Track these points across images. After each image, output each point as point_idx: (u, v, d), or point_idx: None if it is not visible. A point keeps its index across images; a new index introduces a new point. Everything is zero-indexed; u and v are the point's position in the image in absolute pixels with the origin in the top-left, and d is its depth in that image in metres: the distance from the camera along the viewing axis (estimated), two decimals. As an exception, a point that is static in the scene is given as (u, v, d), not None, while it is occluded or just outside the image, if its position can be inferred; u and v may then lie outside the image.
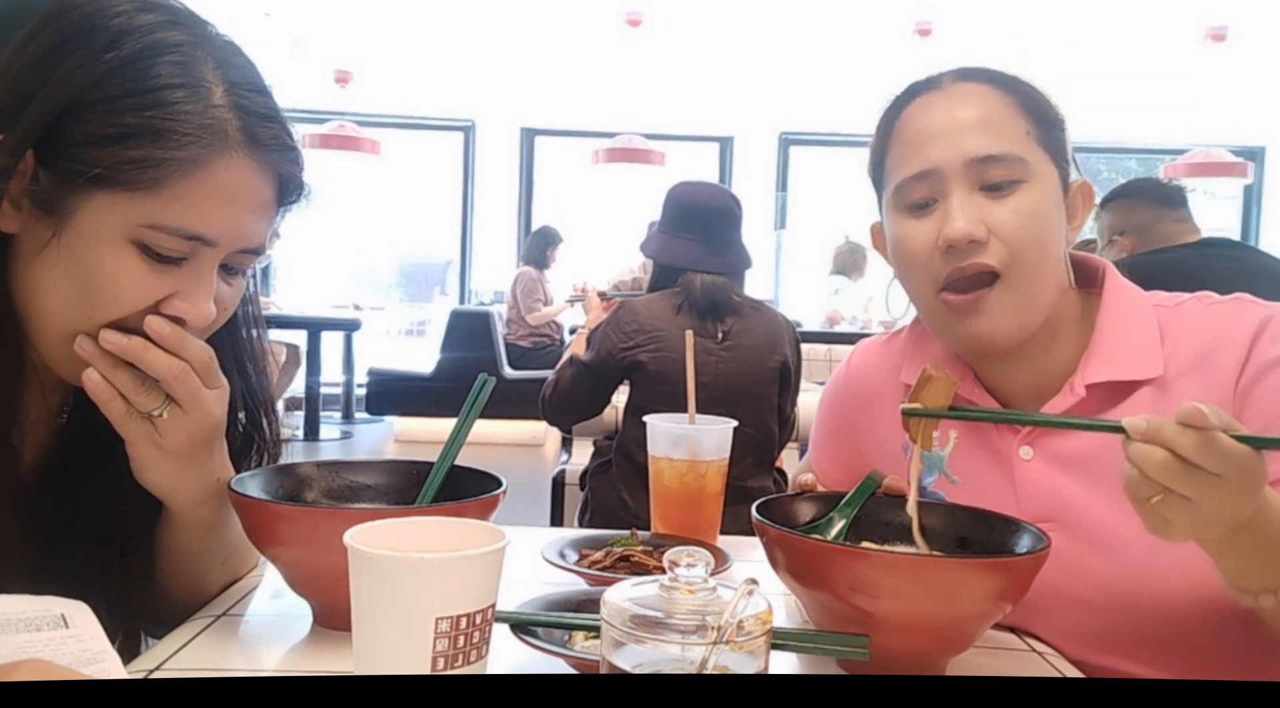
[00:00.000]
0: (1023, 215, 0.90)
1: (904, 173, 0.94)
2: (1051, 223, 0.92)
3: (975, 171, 0.90)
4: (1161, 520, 0.70)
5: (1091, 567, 0.90)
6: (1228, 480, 0.67)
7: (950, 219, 0.90)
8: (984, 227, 0.89)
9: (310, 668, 0.77)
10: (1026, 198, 0.90)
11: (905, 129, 0.95)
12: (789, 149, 8.18)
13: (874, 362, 1.13)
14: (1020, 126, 0.92)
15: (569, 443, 3.15)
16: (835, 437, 1.16)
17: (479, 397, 0.95)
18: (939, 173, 0.91)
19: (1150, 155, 8.10)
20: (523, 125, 8.03)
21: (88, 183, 0.73)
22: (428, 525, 0.66)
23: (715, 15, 6.36)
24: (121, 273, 0.76)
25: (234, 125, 0.77)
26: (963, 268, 0.90)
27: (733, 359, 2.28)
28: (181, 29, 0.78)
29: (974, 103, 0.93)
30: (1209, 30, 6.18)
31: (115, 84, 0.74)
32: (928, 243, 0.92)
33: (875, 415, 1.09)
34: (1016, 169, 0.90)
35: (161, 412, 0.79)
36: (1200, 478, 0.67)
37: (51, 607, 0.68)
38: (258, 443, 0.97)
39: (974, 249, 0.90)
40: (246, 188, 0.79)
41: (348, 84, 7.38)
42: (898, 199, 0.95)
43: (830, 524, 0.90)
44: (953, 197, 0.90)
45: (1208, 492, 0.67)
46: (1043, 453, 0.94)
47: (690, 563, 0.57)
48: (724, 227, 2.36)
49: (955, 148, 0.91)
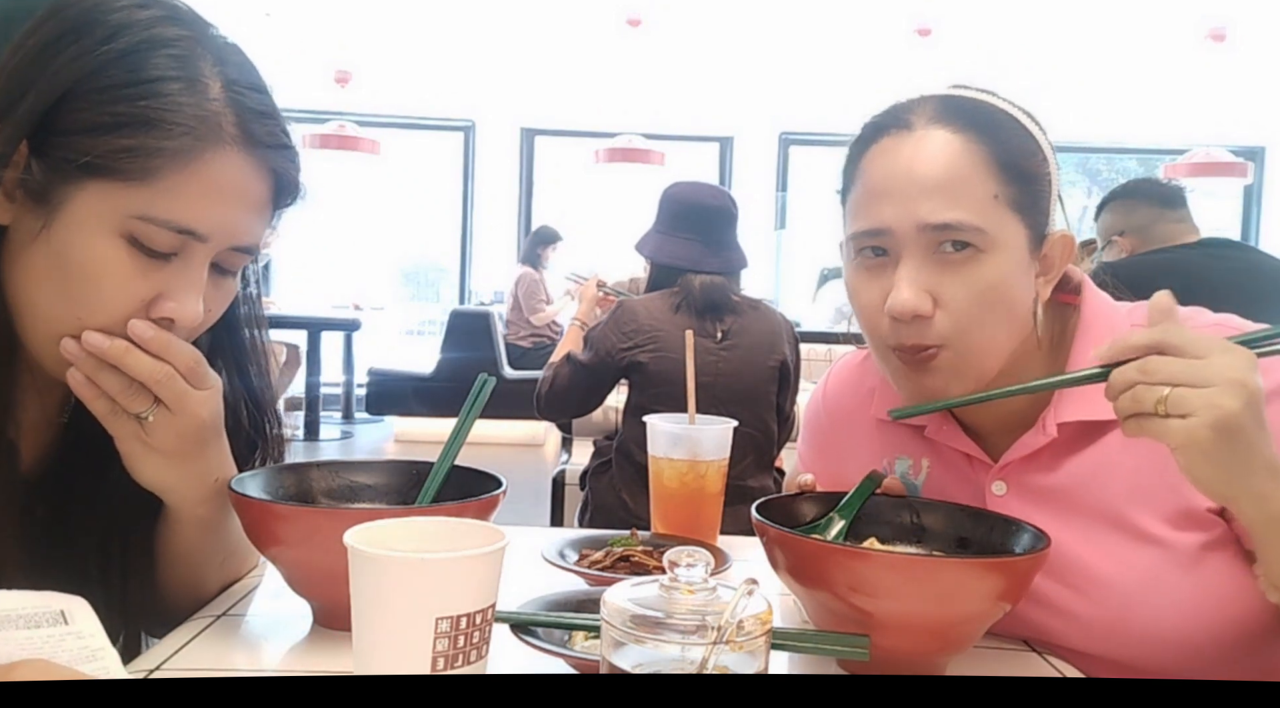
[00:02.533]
0: (974, 288, 0.85)
1: (858, 225, 0.89)
2: (1008, 290, 0.87)
3: (929, 237, 0.85)
4: (1179, 424, 0.70)
5: (1070, 609, 0.88)
6: (1219, 356, 0.70)
7: (897, 289, 0.85)
8: (930, 300, 0.85)
9: (310, 668, 0.77)
10: (982, 269, 0.85)
11: (867, 172, 0.90)
12: (789, 149, 8.17)
13: (849, 384, 1.10)
14: (987, 189, 0.85)
15: (569, 443, 3.15)
16: (817, 453, 1.15)
17: (479, 397, 0.95)
18: (891, 234, 0.86)
19: (1150, 155, 8.10)
20: (523, 125, 8.03)
21: (79, 171, 0.73)
22: (428, 526, 0.66)
23: (715, 15, 6.37)
24: (110, 267, 0.75)
25: (229, 120, 0.77)
26: (905, 346, 0.87)
27: (732, 359, 2.28)
28: (181, 25, 0.78)
29: (939, 158, 0.85)
30: (1209, 30, 6.19)
31: (111, 74, 0.74)
32: (875, 303, 0.88)
33: (852, 437, 1.07)
34: (974, 237, 0.84)
35: (148, 414, 0.79)
36: (1195, 364, 0.70)
37: (51, 603, 0.67)
38: (259, 443, 0.97)
39: (918, 325, 0.85)
40: (240, 184, 0.79)
41: (348, 84, 7.38)
42: (852, 248, 0.92)
43: (830, 524, 0.90)
44: (903, 263, 0.86)
45: (1206, 371, 0.69)
46: (1016, 488, 0.92)
47: (690, 563, 0.57)
48: (721, 226, 2.36)
49: (911, 211, 0.85)
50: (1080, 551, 0.88)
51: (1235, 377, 0.69)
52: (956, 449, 0.97)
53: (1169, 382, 0.70)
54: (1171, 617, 0.84)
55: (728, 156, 8.19)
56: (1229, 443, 0.69)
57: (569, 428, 3.01)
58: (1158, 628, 0.85)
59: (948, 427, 0.97)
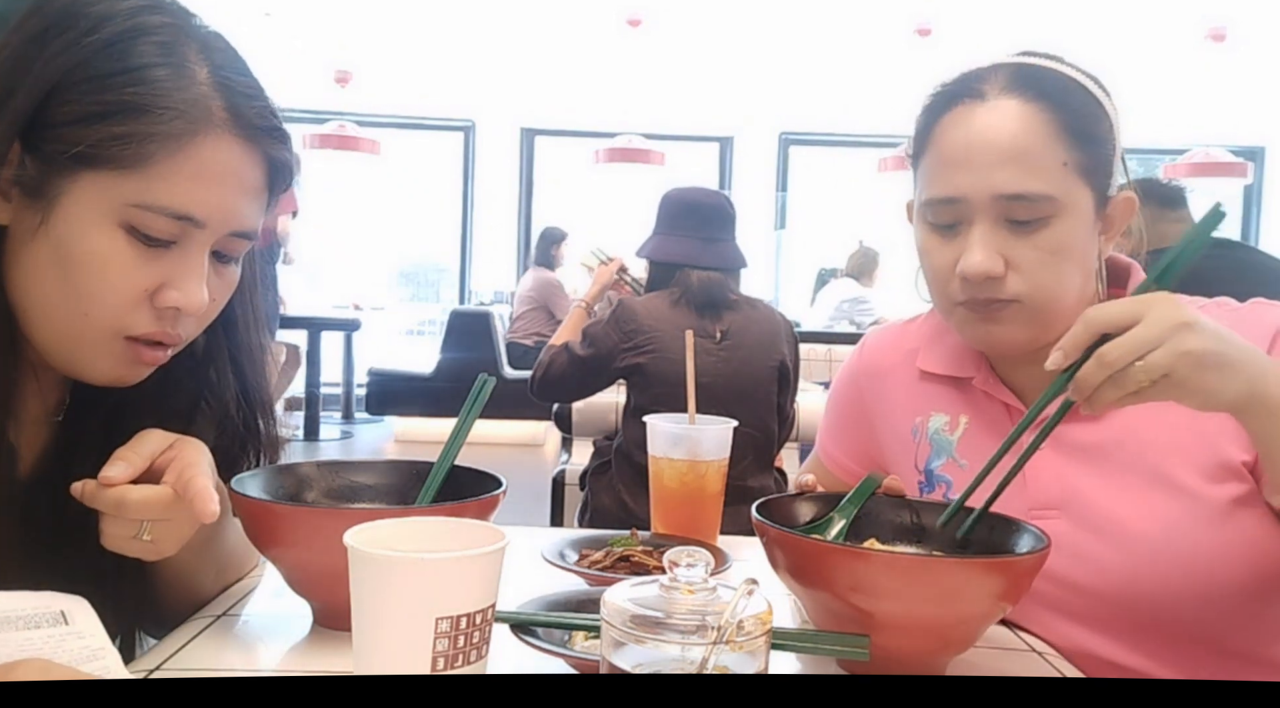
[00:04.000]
0: (1046, 252, 0.89)
1: (932, 192, 0.94)
2: (1078, 251, 0.91)
3: (1002, 206, 0.89)
4: (1168, 382, 0.72)
5: (1096, 554, 0.91)
6: (1149, 309, 0.72)
7: (969, 252, 0.90)
8: (1002, 262, 0.89)
9: (310, 668, 0.77)
10: (1053, 234, 0.90)
11: (941, 141, 0.94)
12: (789, 149, 8.17)
13: (889, 344, 1.14)
14: (1058, 157, 0.89)
15: (569, 443, 3.15)
16: (845, 421, 1.17)
17: (479, 397, 0.95)
18: (966, 202, 0.91)
19: (1150, 155, 8.10)
20: (523, 125, 8.03)
21: (72, 163, 0.73)
22: (428, 525, 0.66)
23: (715, 15, 6.37)
24: (110, 257, 0.75)
25: (219, 104, 0.77)
26: (978, 300, 0.92)
27: (731, 359, 2.28)
28: (164, 14, 0.78)
29: (1012, 128, 0.89)
30: (1209, 30, 6.19)
31: (97, 65, 0.74)
32: (947, 265, 0.93)
33: (887, 395, 1.10)
34: (1045, 207, 0.89)
35: (144, 533, 0.77)
36: (1132, 336, 0.71)
37: (51, 603, 0.67)
38: (250, 443, 0.96)
39: (990, 284, 0.90)
40: (234, 167, 0.79)
41: (348, 84, 7.38)
42: (924, 213, 0.96)
43: (830, 524, 0.90)
44: (975, 228, 0.90)
45: (1148, 332, 0.71)
46: (1054, 441, 0.93)
47: (690, 563, 0.57)
48: (718, 223, 2.37)
49: (985, 180, 0.89)
50: (1113, 505, 0.91)
51: (1175, 318, 0.72)
52: (998, 400, 0.99)
53: (1130, 357, 0.72)
54: (1198, 567, 0.87)
55: (728, 156, 8.19)
56: (1216, 364, 0.72)
57: (569, 428, 3.00)
58: (1182, 577, 0.87)
59: (991, 385, 1.00)
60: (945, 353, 1.05)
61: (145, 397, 0.86)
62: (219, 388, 0.93)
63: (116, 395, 0.84)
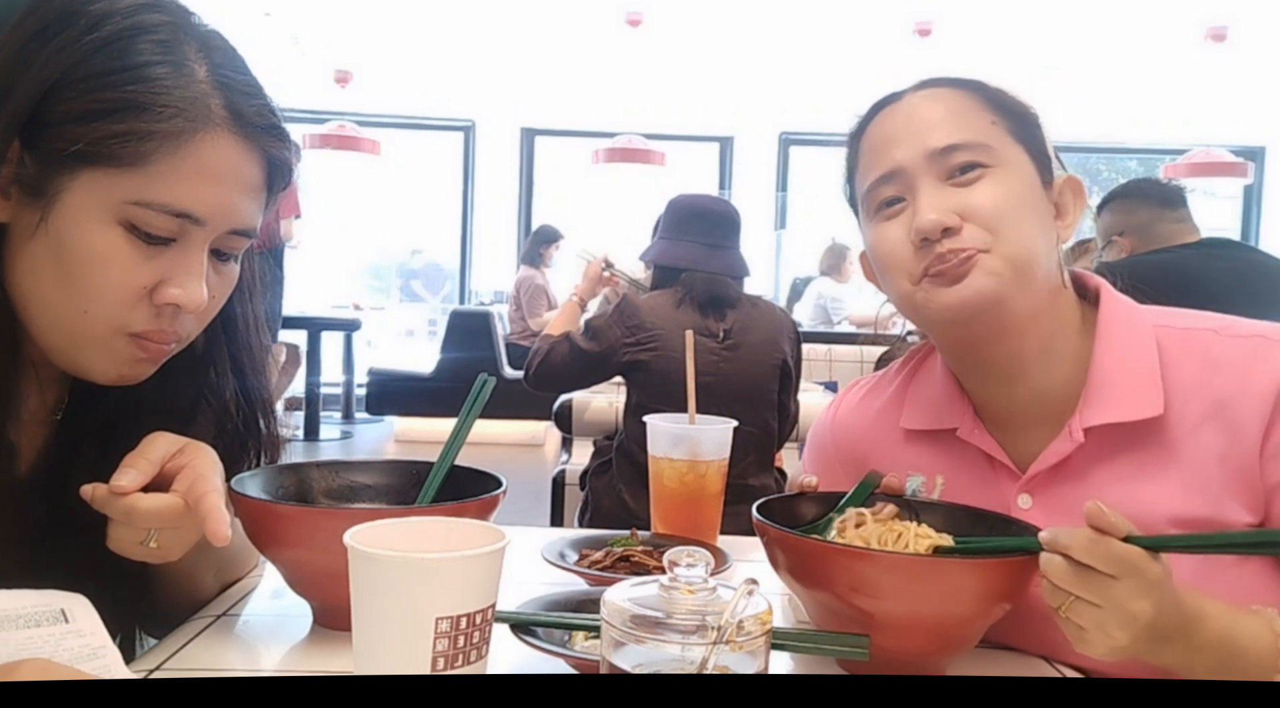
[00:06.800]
0: (994, 199, 0.86)
1: (870, 177, 0.92)
2: (1030, 210, 0.88)
3: (939, 162, 0.88)
4: (1077, 630, 0.72)
5: None
6: (1122, 581, 0.69)
7: (919, 213, 0.87)
8: (955, 215, 0.86)
9: (310, 668, 0.77)
10: (997, 184, 0.87)
11: (869, 139, 0.94)
12: (789, 149, 8.17)
13: (857, 409, 1.08)
14: (984, 117, 0.90)
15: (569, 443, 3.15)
16: (823, 481, 1.12)
17: (479, 397, 0.95)
18: (904, 171, 0.89)
19: (1150, 155, 8.10)
20: (523, 125, 8.03)
21: (72, 161, 0.73)
22: (428, 525, 0.66)
23: (715, 15, 6.36)
24: (110, 255, 0.75)
25: (218, 102, 0.77)
26: (942, 255, 0.86)
27: (733, 358, 2.28)
28: (162, 12, 0.78)
29: (935, 102, 0.92)
30: (1209, 30, 6.18)
31: (97, 63, 0.74)
32: (901, 240, 0.89)
33: (864, 460, 1.03)
34: (982, 154, 0.87)
35: (151, 541, 0.78)
36: (1096, 580, 0.69)
37: (51, 601, 0.67)
38: (250, 443, 0.96)
39: (949, 237, 0.86)
40: (233, 165, 0.79)
41: (348, 84, 7.37)
42: (869, 204, 0.93)
43: (830, 524, 0.90)
44: (920, 193, 0.88)
45: (1105, 593, 0.69)
46: (1042, 502, 0.91)
47: (690, 563, 0.57)
48: (724, 230, 2.37)
49: (918, 144, 0.89)
50: None
51: (1129, 617, 0.70)
52: (981, 451, 0.95)
53: (1072, 592, 0.71)
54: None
55: (728, 156, 8.19)
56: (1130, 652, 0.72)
57: (569, 428, 3.00)
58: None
59: (976, 434, 0.95)
60: (927, 406, 1.00)
61: (145, 396, 0.86)
62: (219, 388, 0.93)
63: (116, 394, 0.85)
